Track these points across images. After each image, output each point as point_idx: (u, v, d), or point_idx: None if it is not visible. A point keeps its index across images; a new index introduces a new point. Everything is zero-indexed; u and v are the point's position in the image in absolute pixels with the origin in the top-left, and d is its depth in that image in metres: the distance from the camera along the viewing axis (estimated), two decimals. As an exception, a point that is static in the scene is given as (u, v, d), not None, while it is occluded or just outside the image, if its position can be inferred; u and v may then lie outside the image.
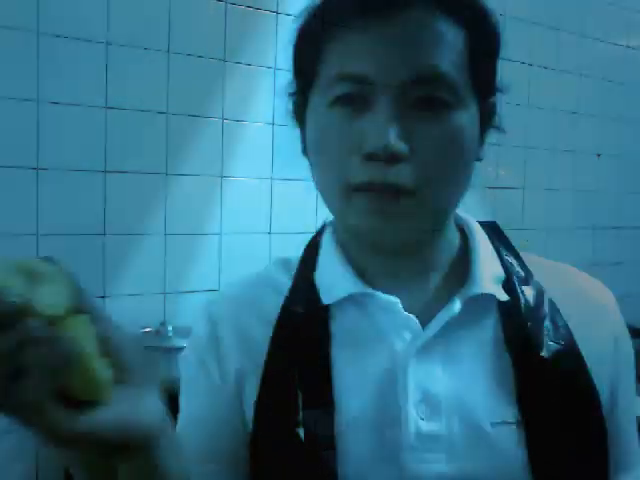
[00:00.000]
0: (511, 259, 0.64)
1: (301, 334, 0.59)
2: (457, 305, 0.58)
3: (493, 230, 0.66)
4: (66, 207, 1.51)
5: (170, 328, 1.51)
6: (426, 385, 0.56)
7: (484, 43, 0.57)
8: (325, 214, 0.65)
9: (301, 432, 0.55)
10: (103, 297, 1.57)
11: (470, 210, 0.67)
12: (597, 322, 0.62)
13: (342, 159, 0.56)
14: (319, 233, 0.68)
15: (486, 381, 0.57)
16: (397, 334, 0.59)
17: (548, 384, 0.57)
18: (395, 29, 0.54)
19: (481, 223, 0.67)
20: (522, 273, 0.63)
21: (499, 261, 0.63)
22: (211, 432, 0.61)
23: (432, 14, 0.54)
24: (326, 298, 0.61)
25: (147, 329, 1.55)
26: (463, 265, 0.62)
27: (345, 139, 0.55)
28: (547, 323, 0.59)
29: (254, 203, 1.78)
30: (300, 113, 0.63)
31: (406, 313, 0.59)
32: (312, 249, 0.66)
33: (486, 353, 0.58)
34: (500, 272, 0.61)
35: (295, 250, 0.70)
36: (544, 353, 0.57)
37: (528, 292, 0.61)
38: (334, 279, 0.61)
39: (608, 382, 0.60)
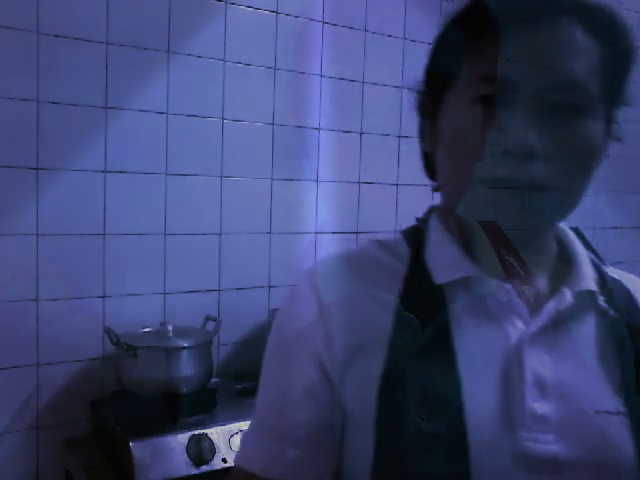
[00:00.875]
0: (599, 263, 0.70)
1: (424, 312, 0.62)
2: (567, 297, 0.63)
3: (579, 235, 0.72)
4: (66, 207, 1.51)
5: (170, 328, 1.51)
6: (538, 370, 0.61)
7: (618, 57, 0.62)
8: (324, 214, 0.67)
9: (431, 409, 0.58)
10: (103, 297, 1.57)
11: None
12: None
13: (478, 154, 0.59)
14: (423, 219, 0.72)
15: (590, 371, 0.62)
16: (509, 320, 0.63)
17: None
18: (538, 37, 0.58)
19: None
20: (611, 275, 0.68)
21: (591, 263, 0.68)
22: (298, 406, 0.63)
23: (574, 25, 0.59)
24: (439, 278, 0.64)
25: (147, 329, 1.55)
26: (562, 263, 0.67)
27: (483, 135, 0.59)
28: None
29: (254, 203, 1.78)
30: (431, 110, 0.67)
31: (519, 300, 0.63)
32: (418, 232, 0.70)
33: (589, 345, 0.63)
34: (594, 273, 0.67)
35: (295, 250, 0.71)
36: None
37: (618, 294, 0.67)
38: (446, 261, 0.65)
39: None
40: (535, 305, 0.64)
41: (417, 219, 0.73)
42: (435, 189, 0.70)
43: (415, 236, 0.70)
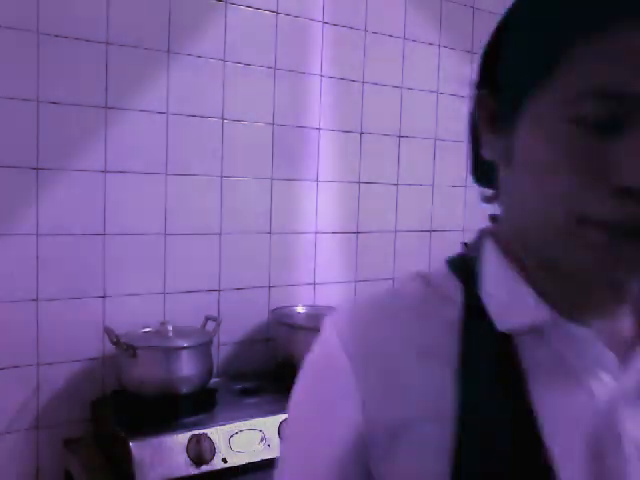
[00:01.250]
0: None
1: (489, 367, 0.51)
2: None
3: None
4: (66, 207, 1.51)
5: (170, 328, 1.51)
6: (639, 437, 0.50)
7: None
8: (324, 214, 0.64)
9: None
10: (103, 297, 1.57)
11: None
12: None
13: (579, 186, 0.47)
14: (474, 246, 0.59)
15: None
16: (593, 374, 0.51)
17: None
18: None
19: None
20: None
21: None
22: None
23: None
24: (503, 324, 0.52)
25: (147, 329, 1.55)
26: None
27: (589, 165, 0.46)
28: None
29: (254, 203, 1.78)
30: (502, 118, 0.53)
31: (605, 349, 0.51)
32: (469, 263, 0.57)
33: None
34: None
35: (295, 250, 0.69)
36: None
37: None
38: (511, 302, 0.53)
39: None
40: (623, 355, 0.52)
41: (465, 246, 0.60)
42: (488, 200, 0.58)
43: (466, 268, 0.57)
